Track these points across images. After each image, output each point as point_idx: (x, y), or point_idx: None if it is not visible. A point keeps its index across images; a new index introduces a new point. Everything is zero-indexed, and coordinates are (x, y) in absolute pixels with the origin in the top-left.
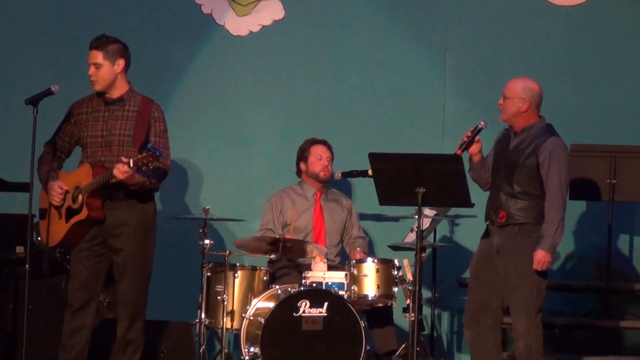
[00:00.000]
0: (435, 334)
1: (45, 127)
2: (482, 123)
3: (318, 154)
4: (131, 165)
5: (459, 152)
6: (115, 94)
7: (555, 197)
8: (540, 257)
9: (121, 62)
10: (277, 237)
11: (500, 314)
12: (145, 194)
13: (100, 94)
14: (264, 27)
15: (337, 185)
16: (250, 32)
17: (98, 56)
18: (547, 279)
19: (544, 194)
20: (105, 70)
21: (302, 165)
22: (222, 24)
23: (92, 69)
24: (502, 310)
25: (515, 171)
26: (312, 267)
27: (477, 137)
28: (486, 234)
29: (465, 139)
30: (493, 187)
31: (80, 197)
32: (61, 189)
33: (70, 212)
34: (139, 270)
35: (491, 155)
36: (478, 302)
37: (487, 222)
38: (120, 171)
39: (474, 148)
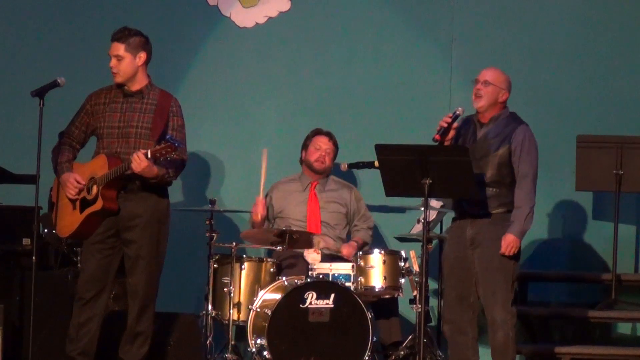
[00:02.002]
0: (441, 326)
1: (51, 119)
2: (459, 109)
3: (318, 144)
4: (149, 156)
5: (437, 137)
6: (135, 86)
7: (527, 185)
8: (510, 241)
9: (143, 55)
10: (284, 228)
11: (477, 306)
12: (160, 187)
13: (120, 86)
14: (270, 18)
15: (344, 176)
16: (256, 23)
17: (120, 48)
18: (519, 266)
19: (514, 182)
20: (126, 63)
21: (303, 153)
22: (228, 16)
23: (113, 61)
24: (477, 303)
25: (487, 161)
26: (305, 256)
27: (454, 124)
28: (455, 227)
29: (445, 125)
30: None
31: (95, 188)
32: (77, 182)
33: (85, 203)
34: (150, 262)
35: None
36: (456, 296)
37: (456, 214)
38: (137, 162)
39: (450, 134)
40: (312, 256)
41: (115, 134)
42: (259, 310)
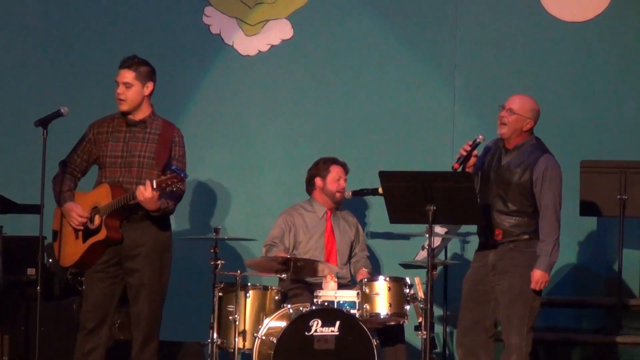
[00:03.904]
0: (447, 352)
1: (55, 149)
2: (480, 137)
3: (338, 174)
4: (154, 186)
5: (456, 165)
6: (139, 116)
7: (550, 216)
8: (538, 277)
9: (150, 85)
10: (288, 256)
11: (493, 331)
12: (162, 216)
13: (123, 115)
14: (272, 46)
15: (348, 203)
16: (259, 51)
17: (129, 76)
18: (540, 296)
19: (537, 211)
20: (135, 91)
21: (319, 181)
22: (231, 44)
23: (121, 88)
24: (494, 328)
25: (508, 190)
26: (323, 286)
27: (474, 152)
28: (479, 252)
29: (464, 153)
30: (485, 204)
31: (98, 217)
32: (81, 212)
33: (88, 233)
34: (153, 292)
35: (478, 167)
36: (471, 319)
37: (480, 239)
38: (141, 191)
39: (470, 162)
40: (330, 284)
41: (118, 163)
42: (264, 338)
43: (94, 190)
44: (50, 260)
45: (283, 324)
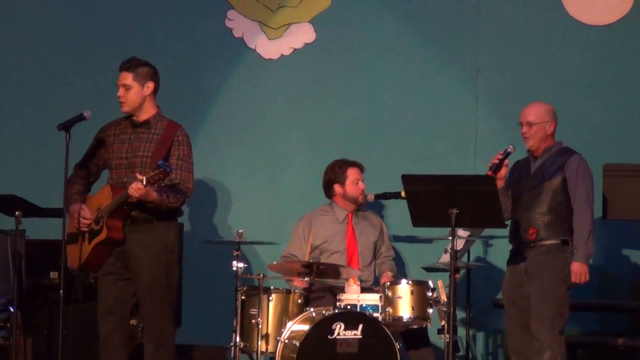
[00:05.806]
0: (470, 355)
1: (78, 153)
2: (510, 147)
3: (355, 177)
4: (144, 182)
5: (489, 173)
6: (143, 116)
7: (583, 210)
8: (577, 269)
9: (150, 85)
10: (311, 260)
11: None
12: (167, 216)
13: (129, 117)
14: (295, 50)
15: (371, 207)
16: (282, 55)
17: (128, 77)
18: (569, 301)
19: (571, 210)
20: (134, 92)
21: (338, 188)
22: (254, 48)
23: (121, 90)
24: None
25: (542, 190)
26: (345, 289)
27: (505, 161)
28: (511, 259)
29: (496, 162)
30: (518, 209)
31: (102, 218)
32: (86, 212)
33: (93, 234)
34: (160, 294)
35: (508, 183)
36: (519, 326)
37: (512, 245)
38: (134, 189)
39: (501, 172)
40: (352, 288)
41: (123, 164)
42: (287, 341)
43: (97, 193)
44: None
45: (306, 327)
